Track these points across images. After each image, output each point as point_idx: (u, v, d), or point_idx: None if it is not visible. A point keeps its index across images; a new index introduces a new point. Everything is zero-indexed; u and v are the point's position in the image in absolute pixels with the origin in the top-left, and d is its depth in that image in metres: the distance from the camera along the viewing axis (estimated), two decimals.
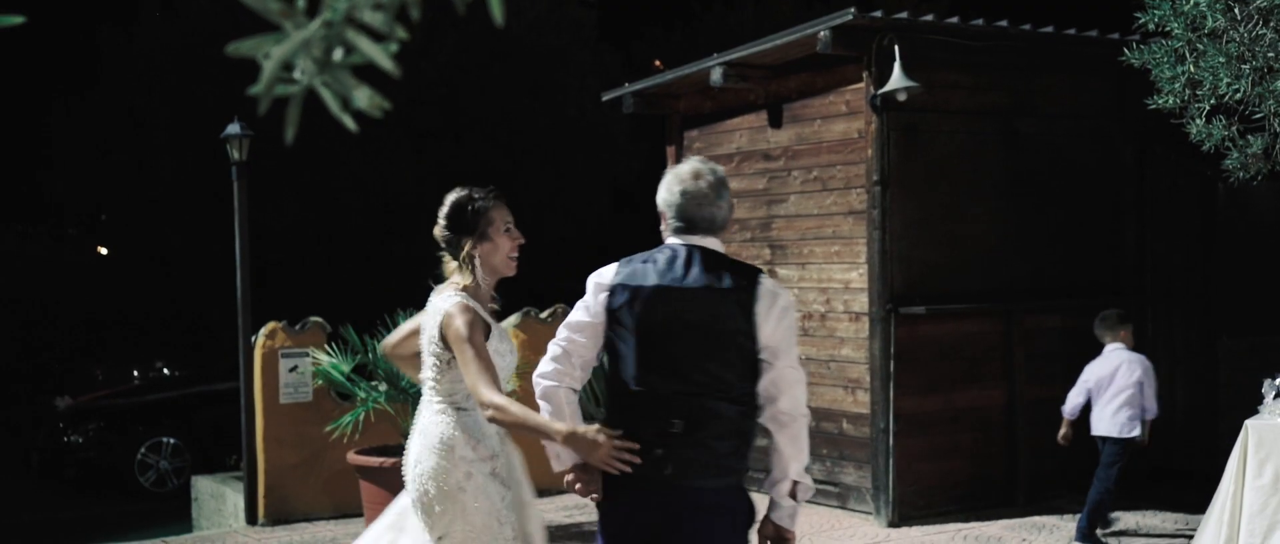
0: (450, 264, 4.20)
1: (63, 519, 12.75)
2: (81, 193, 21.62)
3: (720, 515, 3.61)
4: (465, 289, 4.10)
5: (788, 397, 3.60)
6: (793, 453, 3.62)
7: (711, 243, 3.67)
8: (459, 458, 4.04)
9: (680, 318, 3.57)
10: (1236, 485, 6.37)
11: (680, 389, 3.55)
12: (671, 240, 3.69)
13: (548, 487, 9.87)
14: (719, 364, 3.56)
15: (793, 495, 3.66)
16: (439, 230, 4.15)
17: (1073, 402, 7.54)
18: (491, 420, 3.88)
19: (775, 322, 3.58)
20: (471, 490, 4.02)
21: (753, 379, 3.60)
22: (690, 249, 3.65)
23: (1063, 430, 7.59)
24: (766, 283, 3.63)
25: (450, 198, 4.16)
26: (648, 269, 3.64)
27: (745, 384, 3.59)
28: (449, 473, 4.03)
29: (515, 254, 4.15)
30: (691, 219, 3.65)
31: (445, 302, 4.05)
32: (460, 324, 3.97)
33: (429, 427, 4.10)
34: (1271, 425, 6.35)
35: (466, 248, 4.11)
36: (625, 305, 3.61)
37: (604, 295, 3.66)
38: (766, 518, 3.71)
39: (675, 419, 3.53)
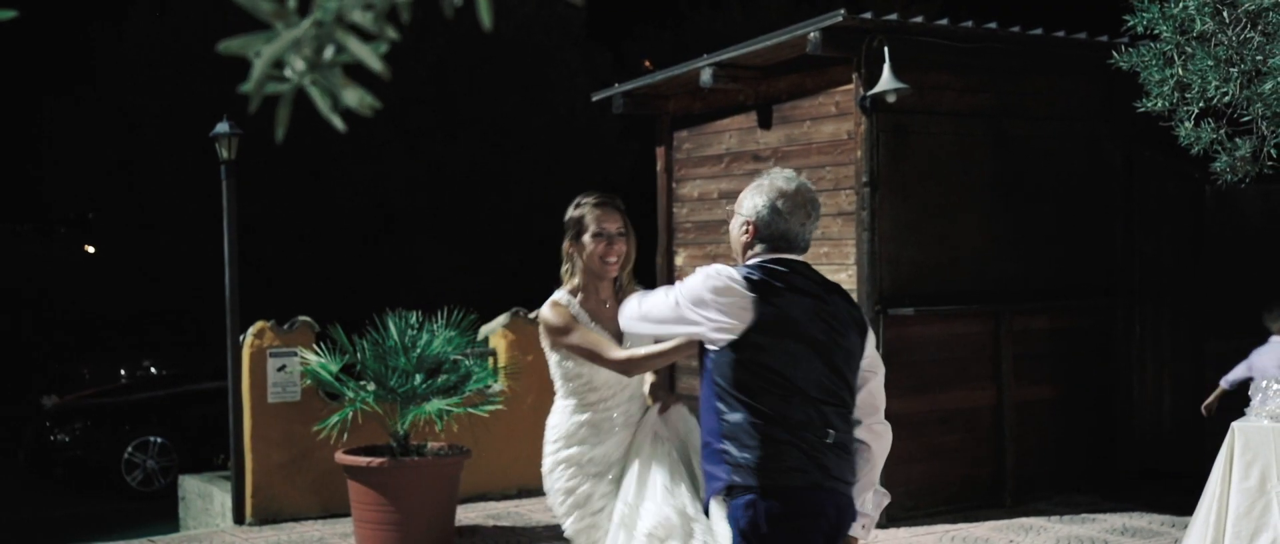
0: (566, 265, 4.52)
1: (49, 518, 12.71)
2: (72, 191, 21.57)
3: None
4: (573, 291, 4.40)
5: (882, 408, 3.78)
6: (882, 464, 3.81)
7: (803, 259, 3.72)
8: (547, 441, 4.42)
9: (827, 332, 3.62)
10: (1223, 487, 6.40)
11: (830, 400, 3.63)
12: (773, 257, 3.65)
13: (536, 487, 9.86)
14: (850, 376, 3.69)
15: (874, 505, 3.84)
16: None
17: (1233, 375, 7.69)
18: (628, 370, 4.13)
19: (871, 341, 3.77)
20: (552, 473, 4.38)
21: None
22: (807, 267, 3.69)
23: (1209, 400, 7.77)
24: None
25: None
26: (794, 277, 3.61)
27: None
28: (545, 457, 4.45)
29: (610, 257, 4.35)
30: (792, 237, 3.66)
31: (545, 305, 4.38)
32: (549, 324, 4.29)
33: (556, 414, 4.44)
34: (1258, 427, 6.37)
35: (565, 247, 4.45)
36: (785, 317, 3.56)
37: (749, 308, 3.54)
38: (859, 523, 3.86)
39: (830, 429, 3.61)
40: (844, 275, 8.40)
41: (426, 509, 7.85)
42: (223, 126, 9.09)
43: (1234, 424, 6.45)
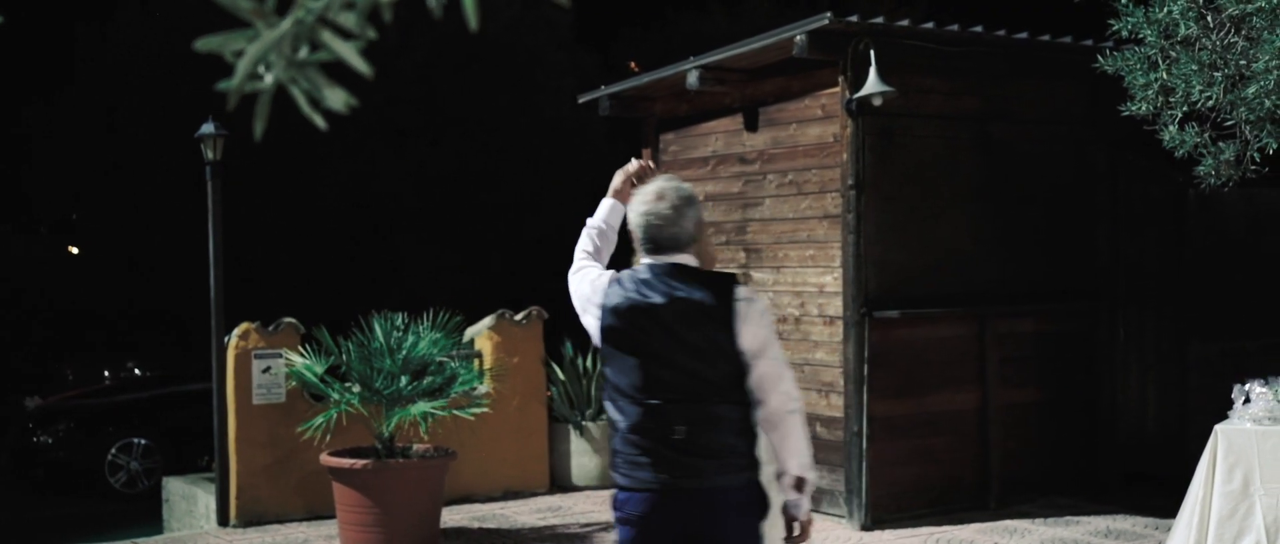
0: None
1: (32, 520, 12.65)
2: (55, 191, 21.46)
3: (742, 512, 3.81)
4: None
5: (775, 395, 3.79)
6: (788, 449, 3.81)
7: (682, 258, 3.85)
8: None
9: (664, 334, 3.77)
10: (1206, 490, 6.41)
11: (677, 398, 3.76)
12: (644, 260, 3.89)
13: (521, 490, 9.86)
14: (710, 370, 3.76)
15: (797, 488, 3.83)
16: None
17: None
18: None
19: (752, 326, 3.77)
20: None
21: (746, 378, 3.82)
22: (663, 267, 3.83)
23: None
24: (741, 291, 3.82)
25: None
26: (629, 290, 3.83)
27: (741, 385, 3.80)
28: None
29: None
30: (656, 240, 3.85)
31: None
32: None
33: None
34: (1241, 430, 6.39)
35: None
36: (613, 326, 3.84)
37: (595, 313, 3.90)
38: (784, 507, 3.92)
39: (677, 426, 3.74)
40: (829, 277, 8.42)
41: (411, 511, 7.84)
42: (208, 127, 9.06)
43: (1217, 427, 6.47)
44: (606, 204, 4.29)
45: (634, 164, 4.42)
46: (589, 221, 4.26)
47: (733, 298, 3.78)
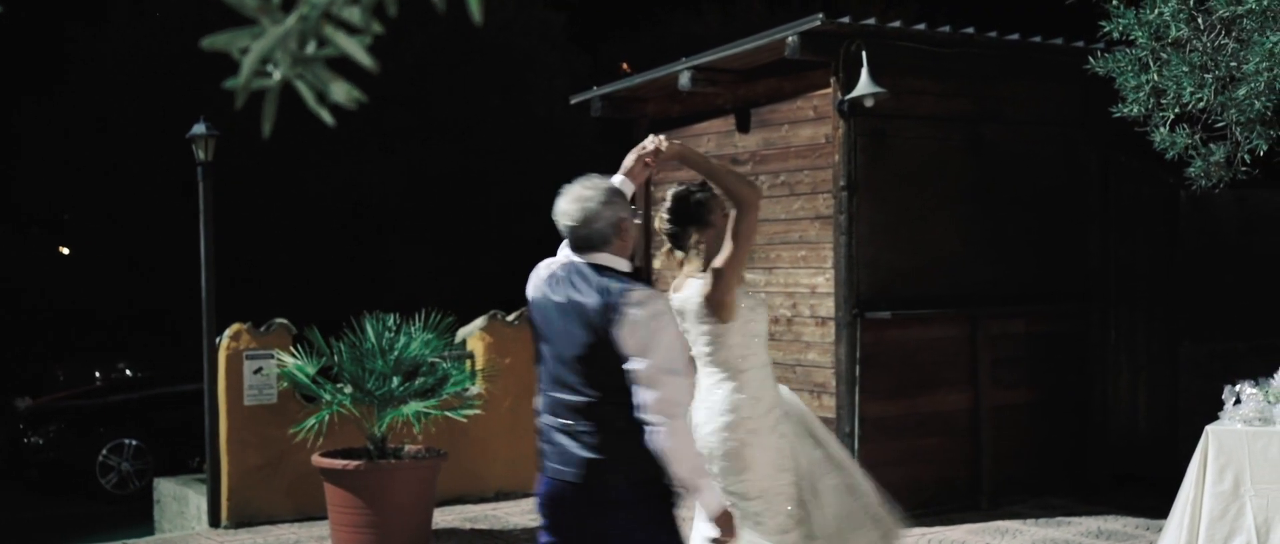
0: (675, 255, 4.69)
1: (23, 520, 12.63)
2: (46, 191, 21.41)
3: (628, 510, 3.85)
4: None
5: (653, 399, 3.75)
6: (669, 455, 3.78)
7: (599, 257, 3.91)
8: (743, 418, 4.55)
9: (560, 331, 3.89)
10: (1197, 491, 6.43)
11: (572, 394, 3.86)
12: (568, 257, 4.02)
13: (513, 490, 9.86)
14: (597, 371, 3.82)
15: (689, 490, 3.84)
16: (662, 224, 4.68)
17: None
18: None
19: (633, 332, 3.74)
20: (756, 445, 4.53)
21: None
22: (574, 267, 3.95)
23: None
24: (632, 295, 3.77)
25: (671, 193, 4.70)
26: (545, 286, 3.99)
27: (629, 387, 3.81)
28: (734, 432, 4.56)
29: None
30: (572, 240, 3.97)
31: (698, 284, 4.59)
32: (716, 290, 4.55)
33: (712, 394, 4.63)
34: (1232, 431, 6.41)
35: (694, 238, 4.62)
36: (532, 318, 4.05)
37: (529, 299, 4.10)
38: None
39: (566, 421, 3.86)
40: (821, 278, 8.42)
41: (403, 512, 7.83)
42: (199, 128, 9.05)
43: (1208, 428, 6.48)
44: (615, 180, 4.31)
45: (651, 141, 4.39)
46: None
47: (620, 302, 3.75)
